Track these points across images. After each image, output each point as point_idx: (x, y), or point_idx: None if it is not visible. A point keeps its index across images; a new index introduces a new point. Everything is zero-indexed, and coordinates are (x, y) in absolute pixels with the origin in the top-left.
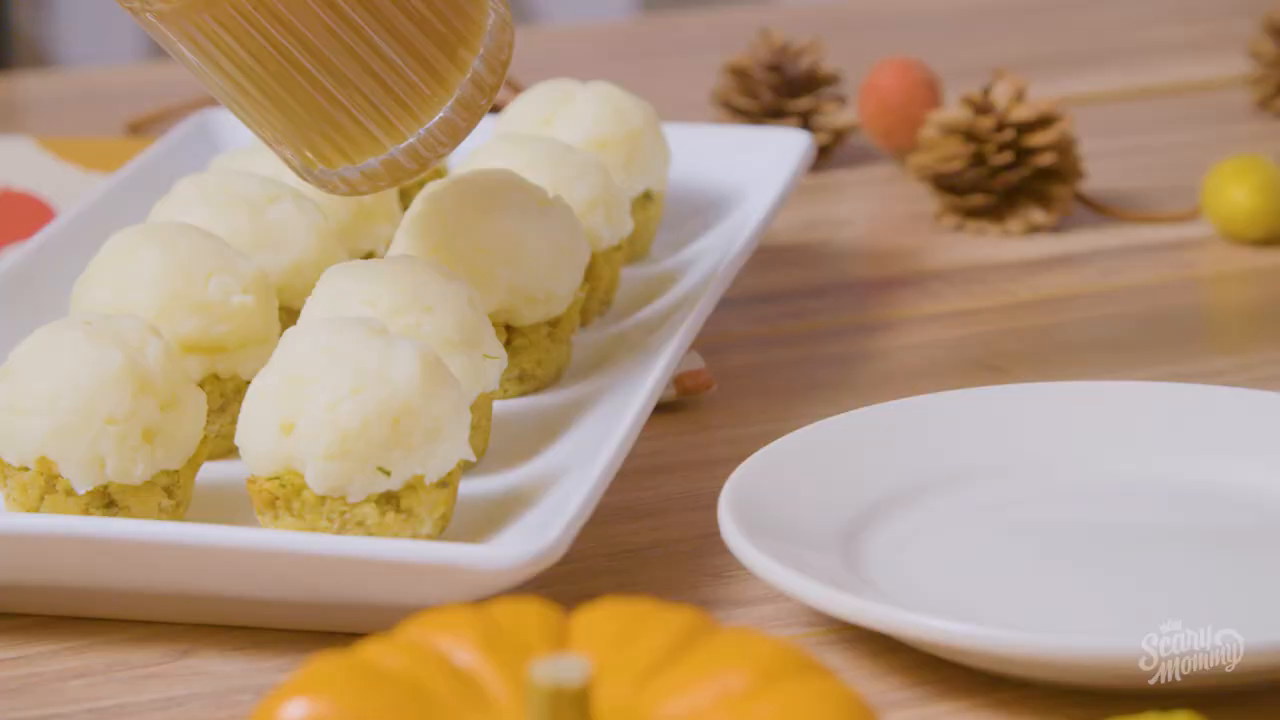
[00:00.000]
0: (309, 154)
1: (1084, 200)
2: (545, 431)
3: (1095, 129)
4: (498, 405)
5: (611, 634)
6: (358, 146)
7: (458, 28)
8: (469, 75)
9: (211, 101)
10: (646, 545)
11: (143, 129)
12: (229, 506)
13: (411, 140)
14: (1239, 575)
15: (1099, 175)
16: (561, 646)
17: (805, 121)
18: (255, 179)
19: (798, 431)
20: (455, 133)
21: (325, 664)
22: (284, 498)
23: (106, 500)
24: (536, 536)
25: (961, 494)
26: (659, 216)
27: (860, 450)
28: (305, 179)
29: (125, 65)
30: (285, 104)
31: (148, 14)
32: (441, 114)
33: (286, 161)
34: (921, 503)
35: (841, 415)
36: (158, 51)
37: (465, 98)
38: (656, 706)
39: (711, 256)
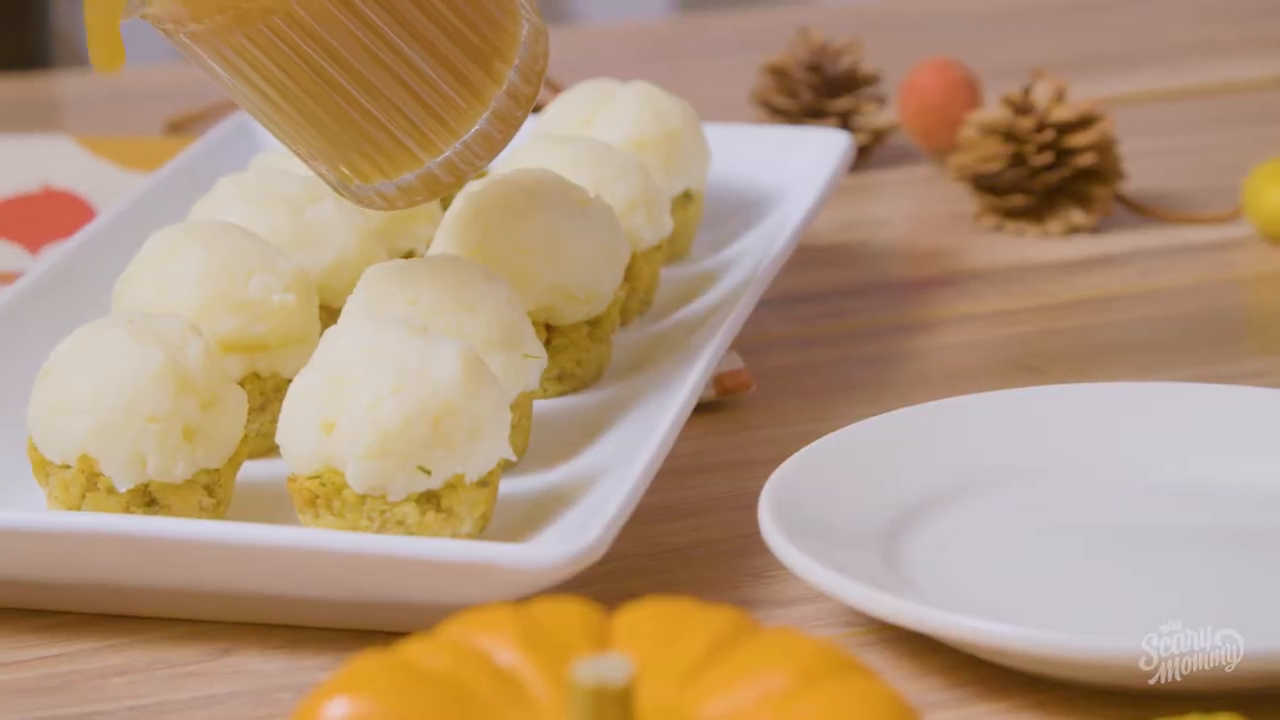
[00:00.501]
0: (345, 169)
1: (1124, 201)
2: (585, 431)
3: (1135, 129)
4: (537, 405)
5: (653, 634)
6: (393, 161)
7: (491, 39)
8: (504, 87)
9: None
10: (686, 545)
11: (181, 128)
12: (269, 505)
13: (448, 154)
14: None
15: (1139, 176)
16: (603, 646)
17: (844, 121)
18: (296, 178)
19: (837, 432)
20: (492, 145)
21: (367, 663)
22: (324, 496)
23: (147, 499)
24: (577, 536)
25: (1001, 495)
26: (699, 216)
27: (900, 451)
28: (341, 194)
29: (164, 64)
30: (320, 120)
31: (181, 34)
32: (477, 127)
33: (322, 176)
34: (961, 503)
35: (881, 415)
36: None
37: (501, 110)
38: (699, 706)
39: (751, 256)
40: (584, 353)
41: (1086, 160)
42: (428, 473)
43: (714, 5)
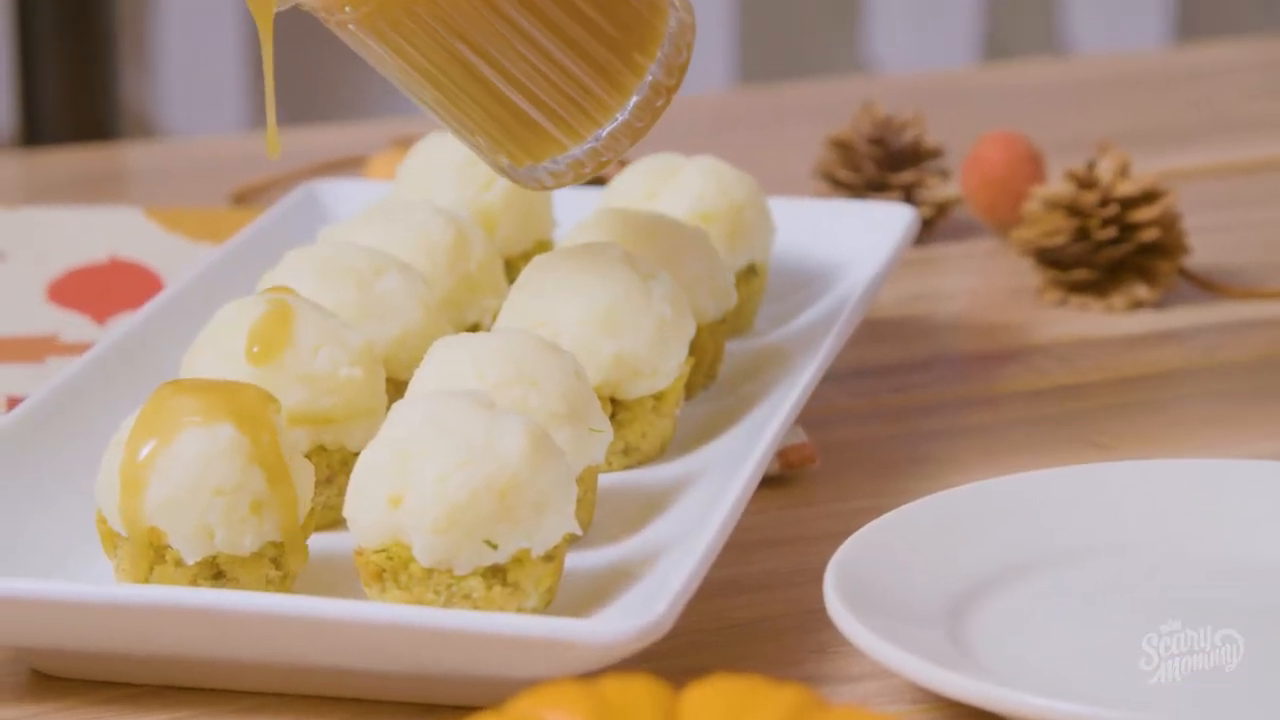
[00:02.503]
0: (498, 153)
1: (1188, 275)
2: (650, 505)
3: (1200, 203)
4: (602, 478)
5: (722, 711)
6: (533, 148)
7: (633, 31)
8: (646, 79)
9: (315, 173)
10: (751, 620)
11: (247, 199)
12: (336, 578)
13: (591, 142)
14: None
15: (1203, 250)
16: None
17: (908, 195)
18: (363, 251)
19: (903, 508)
20: (634, 134)
21: None
22: (391, 570)
23: (215, 571)
24: (643, 611)
25: (1068, 571)
26: (763, 290)
27: (965, 527)
28: (498, 174)
29: (230, 135)
30: (466, 105)
31: (332, 22)
32: (620, 117)
33: (480, 157)
34: (1027, 580)
35: (946, 491)
36: (261, 121)
37: (643, 101)
38: None
39: (815, 330)
40: (649, 426)
41: (1150, 235)
42: (494, 547)
43: (776, 77)
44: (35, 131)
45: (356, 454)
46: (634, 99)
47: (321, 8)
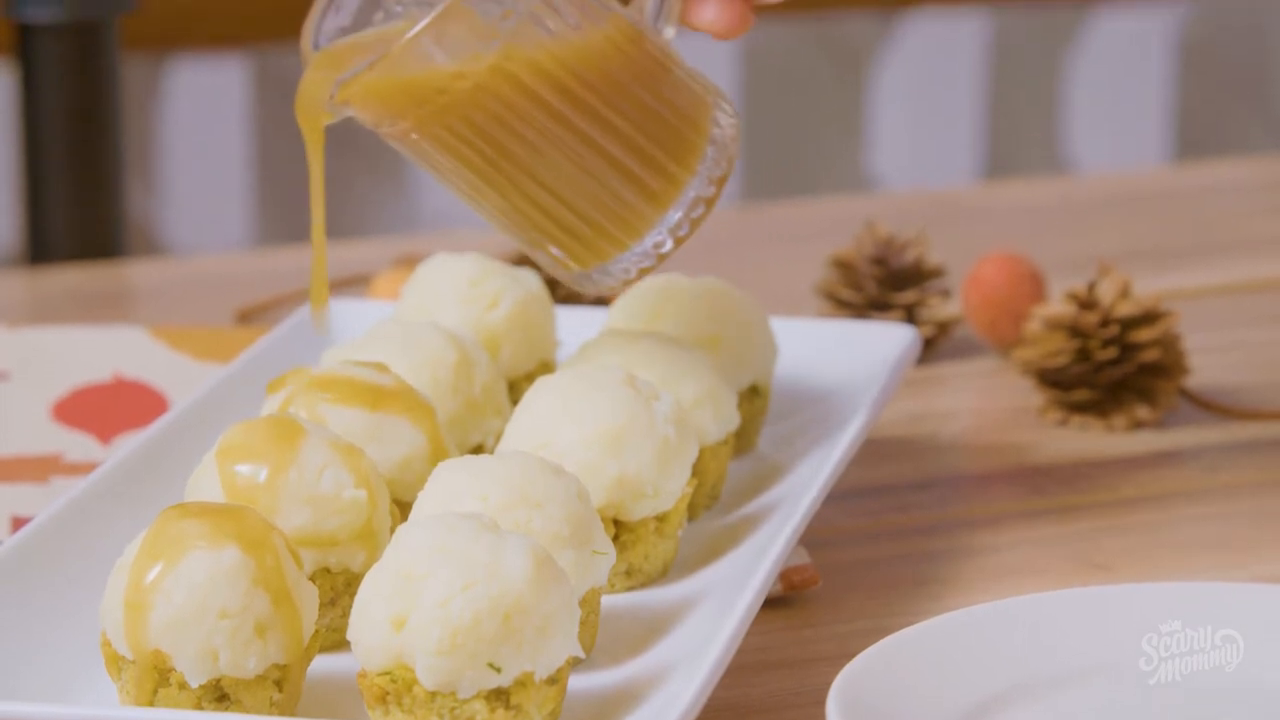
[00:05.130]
0: (556, 252)
1: (1189, 396)
2: (653, 627)
3: (1201, 323)
4: (605, 600)
5: None
6: (577, 256)
7: (673, 151)
8: (685, 193)
9: None
10: None
11: (252, 317)
12: (340, 700)
13: (633, 249)
14: None
15: (1204, 370)
16: None
17: (910, 314)
18: (365, 371)
19: (906, 629)
20: (677, 241)
21: None
22: (395, 693)
23: (219, 693)
24: None
25: (1070, 694)
26: (765, 410)
27: (969, 649)
28: (556, 277)
29: (234, 253)
30: (523, 210)
31: (380, 132)
32: (658, 229)
33: (539, 262)
34: (1030, 702)
35: (950, 614)
36: (266, 238)
37: (682, 216)
38: None
39: (818, 450)
40: (651, 548)
41: (1151, 355)
42: (498, 670)
43: (779, 195)
44: (40, 249)
45: (360, 576)
46: (671, 212)
47: (369, 121)
